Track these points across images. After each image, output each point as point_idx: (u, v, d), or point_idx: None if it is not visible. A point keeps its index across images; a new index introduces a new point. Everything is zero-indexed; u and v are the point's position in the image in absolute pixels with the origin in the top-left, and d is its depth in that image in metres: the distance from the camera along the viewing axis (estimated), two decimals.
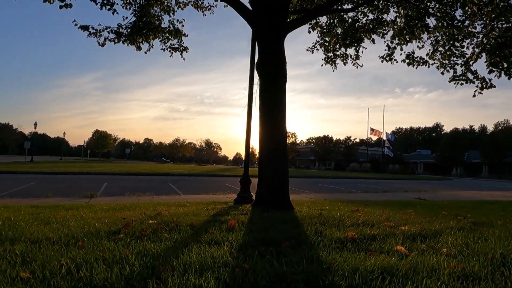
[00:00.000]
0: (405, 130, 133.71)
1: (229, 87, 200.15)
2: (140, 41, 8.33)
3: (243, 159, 8.54)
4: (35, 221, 5.24)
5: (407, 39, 7.40)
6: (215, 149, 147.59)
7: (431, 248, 3.62)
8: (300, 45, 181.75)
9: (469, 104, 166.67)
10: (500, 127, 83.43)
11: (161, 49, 8.48)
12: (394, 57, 7.89)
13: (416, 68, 7.66)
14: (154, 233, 4.02)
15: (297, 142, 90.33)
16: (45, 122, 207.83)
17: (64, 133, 74.92)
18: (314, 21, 8.60)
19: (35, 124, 49.40)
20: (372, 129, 72.88)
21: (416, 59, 7.68)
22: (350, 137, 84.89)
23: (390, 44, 7.78)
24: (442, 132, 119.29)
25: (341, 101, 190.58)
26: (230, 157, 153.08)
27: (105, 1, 7.23)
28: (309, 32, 8.46)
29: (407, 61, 7.70)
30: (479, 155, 68.32)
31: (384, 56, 8.01)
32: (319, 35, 8.64)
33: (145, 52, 8.52)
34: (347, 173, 46.54)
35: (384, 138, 69.44)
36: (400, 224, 5.03)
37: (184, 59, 8.64)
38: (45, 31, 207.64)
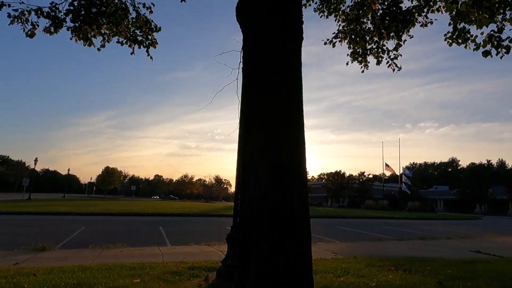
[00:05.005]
0: (420, 165, 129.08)
1: None
2: (91, 34, 5.91)
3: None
4: None
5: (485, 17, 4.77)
6: (225, 186, 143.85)
7: None
8: (307, 82, 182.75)
9: (483, 138, 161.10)
10: None
11: (117, 42, 6.04)
12: (470, 35, 5.10)
13: (502, 58, 4.92)
14: None
15: (308, 178, 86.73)
16: (59, 160, 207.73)
17: (69, 170, 73.59)
18: (334, 6, 6.12)
19: (35, 161, 47.72)
20: (387, 165, 69.72)
21: (503, 43, 4.90)
22: (364, 172, 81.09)
23: (457, 25, 5.11)
24: (459, 167, 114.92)
25: (352, 137, 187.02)
26: None
27: None
28: (327, 17, 5.94)
29: (487, 47, 4.92)
30: (505, 191, 63.41)
31: (454, 37, 5.23)
32: (342, 23, 6.07)
33: (98, 49, 6.05)
34: (364, 212, 42.73)
35: (399, 173, 65.69)
36: None
37: (151, 58, 6.15)
38: (65, 72, 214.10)
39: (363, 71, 6.09)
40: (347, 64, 6.10)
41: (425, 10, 5.85)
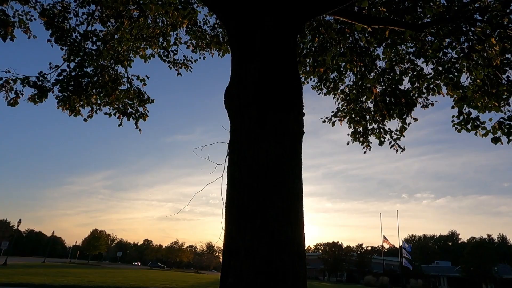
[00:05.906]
0: (419, 238, 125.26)
1: None
2: (79, 103, 5.64)
3: None
4: None
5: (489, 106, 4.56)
6: (217, 254, 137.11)
7: None
8: (303, 149, 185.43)
9: (481, 212, 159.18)
10: None
11: (105, 113, 5.74)
12: (480, 122, 4.80)
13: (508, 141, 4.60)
14: None
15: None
16: (48, 220, 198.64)
17: (53, 232, 70.35)
18: (333, 85, 6.02)
19: (19, 222, 45.56)
20: (385, 238, 67.40)
21: None
22: (362, 244, 78.08)
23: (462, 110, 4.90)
24: (459, 241, 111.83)
25: (348, 205, 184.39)
26: None
27: None
28: (325, 95, 5.78)
29: (498, 133, 4.62)
30: (511, 269, 60.42)
31: (462, 123, 4.94)
32: (342, 103, 5.90)
33: (85, 120, 5.77)
34: None
35: (399, 246, 63.09)
36: None
37: (140, 130, 5.83)
38: (64, 130, 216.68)
39: (365, 152, 5.77)
40: (347, 144, 5.80)
41: (425, 92, 5.72)
